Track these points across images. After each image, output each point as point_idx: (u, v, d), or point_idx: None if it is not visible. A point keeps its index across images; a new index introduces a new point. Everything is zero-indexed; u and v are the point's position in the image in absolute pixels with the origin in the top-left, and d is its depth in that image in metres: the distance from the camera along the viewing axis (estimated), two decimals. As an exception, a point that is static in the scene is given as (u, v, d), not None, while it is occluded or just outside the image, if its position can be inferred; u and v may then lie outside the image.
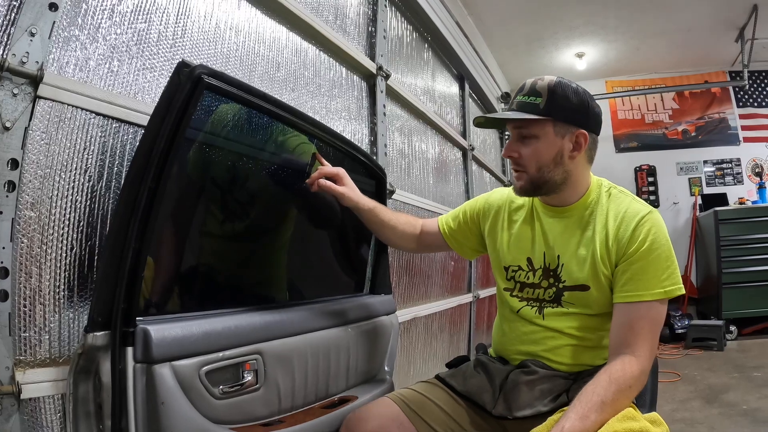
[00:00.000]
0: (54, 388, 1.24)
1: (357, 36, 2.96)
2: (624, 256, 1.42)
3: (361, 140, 2.88)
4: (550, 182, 1.49)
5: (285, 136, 1.69)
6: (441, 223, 1.83)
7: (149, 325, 1.16)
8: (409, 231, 1.83)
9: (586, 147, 1.48)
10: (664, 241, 1.42)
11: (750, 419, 3.27)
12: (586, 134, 1.46)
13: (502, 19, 5.70)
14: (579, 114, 1.45)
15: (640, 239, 1.41)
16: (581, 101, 1.46)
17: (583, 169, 1.52)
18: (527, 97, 1.46)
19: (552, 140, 1.45)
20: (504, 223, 1.68)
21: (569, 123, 1.45)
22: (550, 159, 1.46)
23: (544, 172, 1.47)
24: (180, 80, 1.22)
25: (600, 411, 1.24)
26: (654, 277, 1.39)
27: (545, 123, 1.44)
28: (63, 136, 1.32)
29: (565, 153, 1.47)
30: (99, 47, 1.44)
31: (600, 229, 1.48)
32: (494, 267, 1.71)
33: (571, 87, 1.46)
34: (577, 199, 1.54)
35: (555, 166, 1.47)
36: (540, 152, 1.46)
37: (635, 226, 1.42)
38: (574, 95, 1.45)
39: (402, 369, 3.13)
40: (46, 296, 1.26)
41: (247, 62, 2.01)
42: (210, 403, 1.26)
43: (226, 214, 1.59)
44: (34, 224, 1.24)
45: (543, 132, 1.45)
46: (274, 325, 1.49)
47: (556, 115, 1.43)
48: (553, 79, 1.46)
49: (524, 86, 1.48)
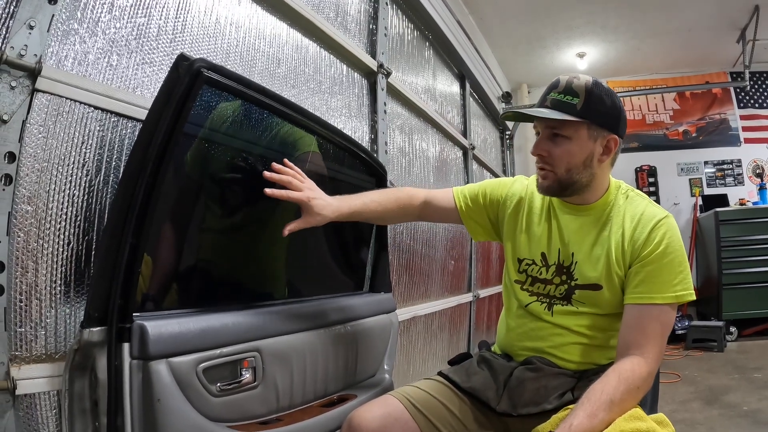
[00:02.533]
0: (49, 384, 1.23)
1: (358, 33, 2.95)
2: (638, 258, 1.42)
3: (362, 138, 2.87)
4: (576, 184, 1.47)
5: (284, 131, 1.68)
6: (458, 199, 1.74)
7: (146, 321, 1.15)
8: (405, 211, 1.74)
9: (615, 151, 1.47)
10: (679, 246, 1.41)
11: (750, 420, 3.26)
12: (617, 139, 1.46)
13: (503, 18, 5.69)
14: (612, 118, 1.44)
15: (655, 242, 1.40)
16: (614, 105, 1.44)
17: (606, 171, 1.52)
18: (563, 96, 1.42)
19: (584, 143, 1.43)
20: (524, 214, 1.64)
21: (603, 127, 1.43)
22: (580, 161, 1.44)
23: (573, 174, 1.45)
24: (179, 74, 1.22)
25: (608, 410, 1.24)
26: (667, 281, 1.38)
27: (580, 125, 1.42)
28: (61, 130, 1.31)
29: (595, 156, 1.45)
30: (98, 41, 1.43)
31: (616, 229, 1.47)
32: (508, 257, 1.68)
33: (605, 89, 1.44)
34: (596, 200, 1.53)
35: (584, 169, 1.45)
36: (572, 154, 1.44)
37: (651, 229, 1.42)
38: (609, 98, 1.43)
39: (401, 368, 3.12)
40: (42, 291, 1.25)
41: (247, 58, 2.00)
42: (207, 401, 1.25)
43: (225, 210, 1.58)
44: (30, 218, 1.23)
45: (577, 134, 1.43)
46: (273, 323, 1.48)
47: (592, 117, 1.41)
48: (589, 80, 1.43)
49: (558, 83, 1.45)
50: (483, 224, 1.74)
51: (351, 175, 2.03)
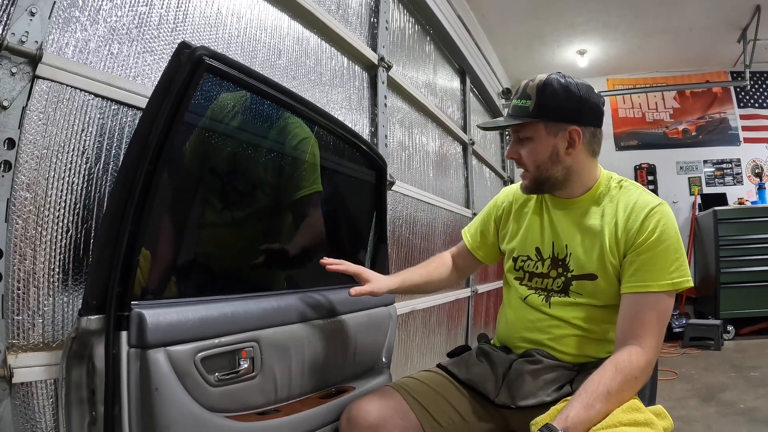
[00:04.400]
0: (47, 372, 1.22)
1: (359, 26, 2.94)
2: (633, 246, 1.42)
3: (362, 131, 2.86)
4: (551, 179, 1.52)
5: (285, 122, 1.67)
6: (467, 242, 1.87)
7: (144, 310, 1.15)
8: (444, 271, 1.86)
9: (581, 142, 1.48)
10: (674, 233, 1.41)
11: (747, 418, 3.27)
12: (579, 130, 1.47)
13: (504, 15, 5.68)
14: (569, 111, 1.46)
15: (649, 230, 1.40)
16: (572, 97, 1.45)
17: (586, 162, 1.53)
18: (519, 101, 1.50)
19: (545, 139, 1.48)
20: (513, 215, 1.70)
21: (559, 121, 1.47)
22: (546, 157, 1.49)
23: (543, 170, 1.51)
24: (180, 61, 1.21)
25: (605, 401, 1.24)
26: (662, 268, 1.38)
27: (536, 124, 1.48)
28: (61, 117, 1.30)
29: (561, 150, 1.48)
30: (99, 29, 1.42)
31: (609, 219, 1.48)
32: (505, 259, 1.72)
33: (563, 84, 1.46)
34: (585, 192, 1.54)
35: (552, 164, 1.50)
36: (536, 152, 1.50)
37: (645, 217, 1.42)
38: (564, 92, 1.45)
39: (399, 362, 3.12)
40: (40, 279, 1.24)
41: (248, 48, 1.99)
42: (205, 390, 1.24)
43: (225, 200, 1.57)
44: (29, 205, 1.22)
45: (536, 133, 1.49)
46: (272, 313, 1.47)
47: (544, 116, 1.46)
48: (543, 79, 1.47)
49: (518, 89, 1.52)
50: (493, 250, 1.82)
51: (350, 167, 2.02)
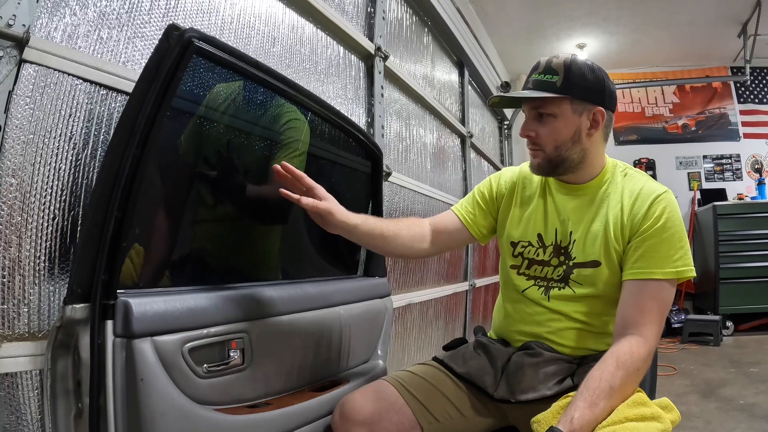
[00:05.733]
0: (32, 363, 1.19)
1: (356, 16, 2.90)
2: (637, 232, 1.40)
3: (358, 122, 2.82)
4: (567, 161, 1.48)
5: (278, 108, 1.64)
6: (461, 215, 1.70)
7: (131, 298, 1.11)
8: (417, 231, 1.65)
9: (603, 124, 1.46)
10: (678, 221, 1.40)
11: (747, 414, 3.26)
12: (603, 111, 1.45)
13: (503, 7, 5.65)
14: (596, 91, 1.43)
15: (654, 216, 1.39)
16: (597, 78, 1.43)
17: (599, 147, 1.51)
18: (543, 76, 1.44)
19: (570, 118, 1.44)
20: (517, 198, 1.65)
21: (586, 100, 1.43)
22: (568, 137, 1.45)
23: (562, 150, 1.46)
24: (169, 44, 1.17)
25: (609, 397, 1.21)
26: (666, 256, 1.36)
27: (563, 101, 1.43)
28: (48, 102, 1.27)
29: (583, 131, 1.45)
30: (89, 13, 1.39)
31: (614, 205, 1.46)
32: (501, 243, 1.67)
33: (587, 64, 1.44)
34: (592, 178, 1.52)
35: (573, 145, 1.46)
36: (558, 131, 1.44)
37: (651, 204, 1.41)
38: (590, 72, 1.43)
39: (395, 356, 3.10)
40: (25, 267, 1.21)
41: (241, 35, 1.96)
42: (193, 382, 1.21)
43: (216, 187, 1.53)
44: (14, 191, 1.19)
45: (560, 110, 1.43)
46: (263, 304, 1.44)
47: (573, 92, 1.41)
48: (568, 57, 1.44)
49: (539, 65, 1.46)
50: (488, 227, 1.72)
51: (345, 156, 1.99)
